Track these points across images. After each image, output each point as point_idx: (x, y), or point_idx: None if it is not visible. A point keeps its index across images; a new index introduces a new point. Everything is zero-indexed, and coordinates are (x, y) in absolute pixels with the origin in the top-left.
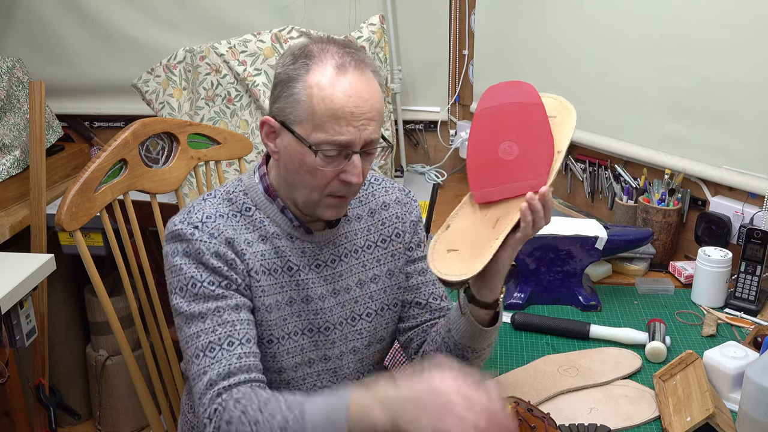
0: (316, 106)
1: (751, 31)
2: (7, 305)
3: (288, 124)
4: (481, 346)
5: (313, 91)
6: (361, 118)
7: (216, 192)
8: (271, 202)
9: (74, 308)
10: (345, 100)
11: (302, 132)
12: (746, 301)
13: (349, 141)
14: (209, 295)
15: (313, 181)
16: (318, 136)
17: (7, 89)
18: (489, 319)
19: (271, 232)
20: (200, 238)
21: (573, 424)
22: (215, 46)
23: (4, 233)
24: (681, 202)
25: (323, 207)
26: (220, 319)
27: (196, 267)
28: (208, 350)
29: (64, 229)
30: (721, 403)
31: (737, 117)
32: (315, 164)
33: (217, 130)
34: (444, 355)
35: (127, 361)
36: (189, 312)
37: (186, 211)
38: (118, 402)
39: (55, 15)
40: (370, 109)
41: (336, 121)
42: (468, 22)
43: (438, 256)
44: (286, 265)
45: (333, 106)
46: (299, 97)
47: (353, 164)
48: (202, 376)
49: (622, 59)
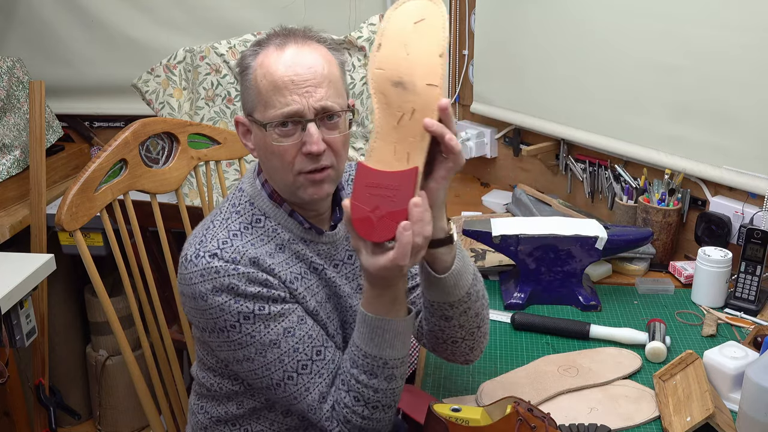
0: (260, 84)
1: (751, 31)
2: (7, 305)
3: (249, 114)
4: (455, 298)
5: (257, 72)
6: (303, 85)
7: (221, 209)
8: (278, 208)
9: (74, 308)
10: (283, 70)
11: (258, 116)
12: (746, 301)
13: (296, 111)
14: (268, 318)
15: (280, 162)
16: (269, 114)
17: (7, 89)
18: (451, 260)
19: (286, 239)
20: (226, 272)
21: (573, 424)
22: (215, 46)
23: (4, 233)
24: (681, 202)
25: (302, 188)
26: (295, 338)
27: (236, 302)
28: (301, 368)
29: (64, 229)
30: (721, 403)
31: (737, 117)
32: (276, 142)
33: (217, 130)
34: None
35: (127, 361)
36: (257, 342)
37: (197, 241)
38: (118, 402)
39: (55, 15)
40: (313, 75)
41: (279, 92)
42: (468, 22)
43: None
44: (311, 267)
45: (272, 78)
46: (249, 83)
47: (309, 133)
48: (308, 393)
49: (622, 59)
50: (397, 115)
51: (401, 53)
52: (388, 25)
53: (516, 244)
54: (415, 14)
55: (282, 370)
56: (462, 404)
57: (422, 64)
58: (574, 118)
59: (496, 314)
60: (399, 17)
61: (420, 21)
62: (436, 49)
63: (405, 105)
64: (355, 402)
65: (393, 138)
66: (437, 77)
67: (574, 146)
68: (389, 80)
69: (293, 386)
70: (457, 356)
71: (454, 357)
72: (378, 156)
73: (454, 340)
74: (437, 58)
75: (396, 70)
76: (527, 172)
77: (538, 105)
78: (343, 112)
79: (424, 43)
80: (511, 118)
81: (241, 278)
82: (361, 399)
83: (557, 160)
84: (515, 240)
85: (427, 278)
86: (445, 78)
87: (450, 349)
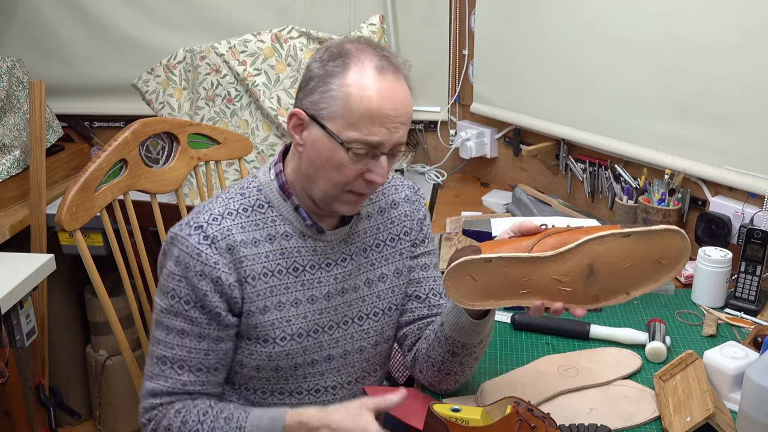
0: (354, 104)
1: (751, 31)
2: (7, 305)
3: (319, 119)
4: (472, 341)
5: (351, 89)
6: (394, 121)
7: (230, 188)
8: (285, 200)
9: (74, 308)
10: (383, 102)
11: (334, 128)
12: (746, 301)
13: (380, 142)
14: (180, 313)
15: (338, 177)
16: (351, 134)
17: (7, 89)
18: (481, 312)
19: (281, 232)
20: (191, 252)
21: (573, 424)
22: (215, 46)
23: (4, 233)
24: (681, 202)
25: (341, 202)
26: (180, 341)
27: (179, 281)
28: (161, 362)
29: (64, 229)
30: (721, 403)
31: (737, 117)
32: (343, 161)
33: (217, 130)
34: (438, 351)
35: (127, 361)
36: (159, 318)
37: (197, 210)
38: (118, 402)
39: (55, 15)
40: (404, 114)
41: (371, 121)
42: (468, 22)
43: (458, 275)
44: (292, 266)
45: (370, 106)
46: (335, 93)
47: (380, 165)
48: (150, 379)
49: (622, 59)
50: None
51: (623, 263)
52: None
53: None
54: (668, 255)
55: (152, 349)
56: (462, 404)
57: (616, 284)
58: (574, 118)
59: (496, 314)
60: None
61: (660, 262)
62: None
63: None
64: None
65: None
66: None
67: (574, 146)
68: (593, 261)
69: (149, 366)
70: (441, 384)
71: (438, 385)
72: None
73: (448, 372)
74: (624, 294)
75: (605, 265)
76: (527, 172)
77: (538, 105)
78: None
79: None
80: (511, 118)
81: (197, 265)
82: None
83: (557, 160)
84: None
85: (459, 319)
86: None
87: (439, 378)
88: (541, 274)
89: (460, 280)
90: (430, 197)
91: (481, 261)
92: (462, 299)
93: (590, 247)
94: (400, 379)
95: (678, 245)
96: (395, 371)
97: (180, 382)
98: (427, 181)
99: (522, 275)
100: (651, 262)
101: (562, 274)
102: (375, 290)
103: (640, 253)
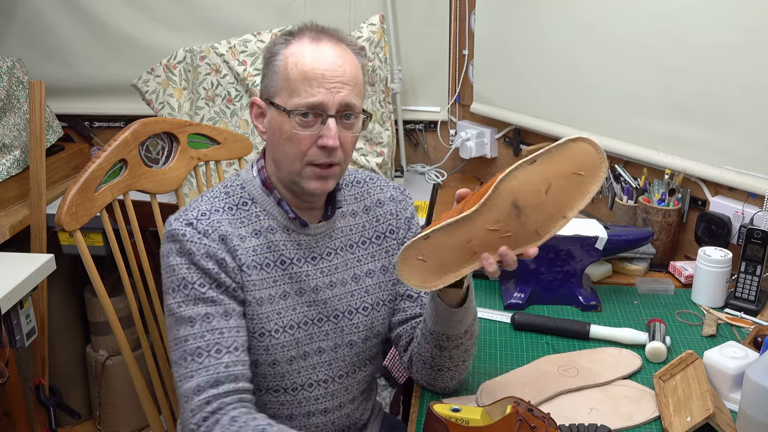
0: (290, 71)
1: (751, 31)
2: (7, 305)
3: (270, 98)
4: (455, 332)
5: (288, 60)
6: (332, 80)
7: (215, 187)
8: (267, 195)
9: (74, 308)
10: (316, 63)
11: (280, 101)
12: (746, 301)
13: (321, 102)
14: (200, 298)
15: (293, 149)
16: (293, 101)
17: (7, 89)
18: (459, 300)
19: (266, 227)
20: (191, 239)
21: (573, 424)
22: (215, 46)
23: (4, 233)
24: (681, 202)
25: (307, 178)
26: (209, 326)
27: (187, 268)
28: (196, 355)
29: (64, 229)
30: (721, 403)
31: (737, 117)
32: (291, 129)
33: (217, 130)
34: (426, 348)
35: (127, 361)
36: (179, 314)
37: (184, 209)
38: (118, 402)
39: (55, 15)
40: (342, 73)
41: (308, 83)
42: (468, 22)
43: (407, 261)
44: (279, 259)
45: (304, 68)
46: (277, 68)
47: (328, 127)
48: (188, 380)
49: (622, 59)
50: (493, 225)
51: (542, 188)
52: (556, 152)
53: None
54: (583, 165)
55: (182, 350)
56: (462, 404)
57: (547, 212)
58: (574, 118)
59: (496, 314)
60: (569, 154)
61: (578, 174)
62: (567, 211)
63: (506, 225)
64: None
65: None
66: (547, 231)
67: None
68: (514, 198)
69: (183, 369)
70: (438, 383)
71: (435, 383)
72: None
73: (440, 369)
74: (561, 218)
75: (526, 197)
76: None
77: (538, 105)
78: (360, 114)
79: (563, 197)
80: (511, 118)
81: (201, 249)
82: None
83: None
84: None
85: (437, 309)
86: (553, 234)
87: (434, 376)
88: (478, 231)
89: (412, 265)
90: (430, 197)
91: (420, 240)
92: (422, 283)
93: (506, 187)
94: (401, 380)
95: (588, 151)
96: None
97: (223, 365)
98: (427, 181)
99: (462, 239)
100: (569, 177)
101: (494, 222)
102: (363, 285)
103: (554, 172)
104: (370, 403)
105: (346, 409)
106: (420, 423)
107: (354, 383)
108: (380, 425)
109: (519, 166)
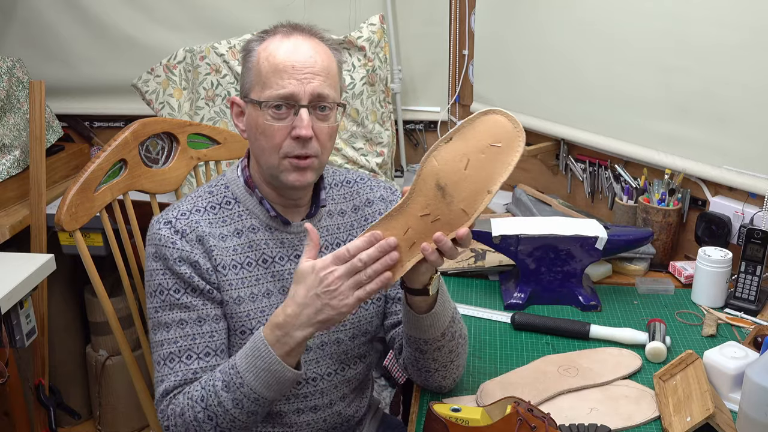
0: (262, 66)
1: (751, 31)
2: (7, 305)
3: (246, 94)
4: (430, 336)
5: (260, 55)
6: (303, 71)
7: (201, 187)
8: (250, 194)
9: (74, 308)
10: (286, 55)
11: (255, 96)
12: (746, 301)
13: (292, 92)
14: (174, 304)
15: (268, 142)
16: (265, 94)
17: (7, 89)
18: (427, 306)
19: (248, 226)
20: (165, 243)
21: (573, 424)
22: (215, 46)
23: (4, 233)
24: (681, 202)
25: (285, 171)
26: (182, 332)
27: (163, 273)
28: (169, 360)
29: (64, 229)
30: (721, 403)
31: (738, 117)
32: (267, 122)
33: (217, 130)
34: (409, 351)
35: (127, 361)
36: (156, 319)
37: (167, 209)
38: (118, 402)
39: (55, 15)
40: (312, 64)
41: (279, 75)
42: (468, 22)
43: None
44: (261, 258)
45: (275, 61)
46: (251, 65)
47: (300, 118)
48: (160, 384)
49: (622, 59)
50: (423, 211)
51: (461, 164)
52: (470, 127)
53: (516, 244)
54: (498, 136)
55: (158, 354)
56: (462, 404)
57: (470, 188)
58: (574, 118)
59: (496, 314)
60: (483, 127)
61: (496, 146)
62: (491, 185)
63: (435, 208)
64: (208, 420)
65: (411, 222)
66: (474, 209)
67: (574, 146)
68: (437, 178)
69: (157, 372)
70: (430, 383)
71: (428, 383)
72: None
73: (428, 371)
74: (485, 193)
75: (447, 175)
76: (527, 172)
77: (537, 105)
78: (335, 105)
79: (484, 171)
80: None
81: (174, 253)
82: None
83: (557, 160)
84: (515, 240)
85: (407, 315)
86: (481, 211)
87: (424, 377)
88: (411, 220)
89: None
90: None
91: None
92: None
93: (428, 169)
94: (401, 380)
95: (501, 122)
96: (395, 371)
97: (191, 371)
98: None
99: (400, 231)
100: (486, 150)
101: (423, 207)
102: None
103: (471, 147)
104: (364, 401)
105: (337, 407)
106: (420, 423)
107: (344, 381)
108: (378, 425)
109: (437, 145)
